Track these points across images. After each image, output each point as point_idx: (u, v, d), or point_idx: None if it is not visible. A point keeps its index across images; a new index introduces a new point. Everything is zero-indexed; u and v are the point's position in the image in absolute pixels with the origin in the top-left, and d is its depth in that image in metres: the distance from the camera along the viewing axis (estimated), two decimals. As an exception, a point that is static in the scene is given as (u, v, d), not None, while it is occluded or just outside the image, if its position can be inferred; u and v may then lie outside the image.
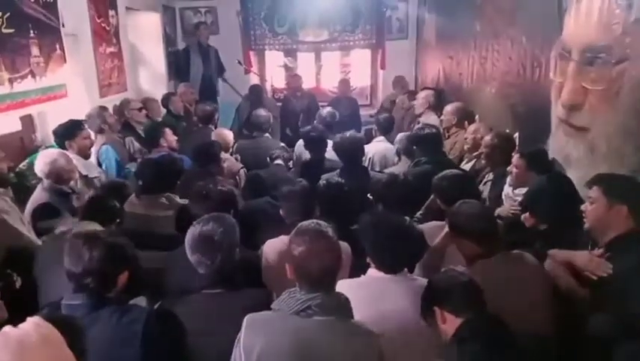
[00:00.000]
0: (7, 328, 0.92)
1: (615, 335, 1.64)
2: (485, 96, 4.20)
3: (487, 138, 3.23)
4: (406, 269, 1.83)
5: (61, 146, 3.32)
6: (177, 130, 4.27)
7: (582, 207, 2.00)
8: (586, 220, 1.98)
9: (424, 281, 1.77)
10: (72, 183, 2.92)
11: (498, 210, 2.74)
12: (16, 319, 0.99)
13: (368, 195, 2.90)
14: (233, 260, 1.76)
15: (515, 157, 2.77)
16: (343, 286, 1.68)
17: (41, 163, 2.76)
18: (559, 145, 2.89)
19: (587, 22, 2.59)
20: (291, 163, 3.88)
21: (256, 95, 5.58)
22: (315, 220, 1.62)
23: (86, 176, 3.28)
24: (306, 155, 3.99)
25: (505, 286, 1.78)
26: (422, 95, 4.92)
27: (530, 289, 1.86)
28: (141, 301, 1.84)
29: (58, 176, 2.76)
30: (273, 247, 2.18)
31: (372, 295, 1.74)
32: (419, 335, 1.67)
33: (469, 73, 4.62)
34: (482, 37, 4.27)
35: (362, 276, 1.89)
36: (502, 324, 1.48)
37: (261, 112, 4.27)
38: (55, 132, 3.36)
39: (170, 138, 3.87)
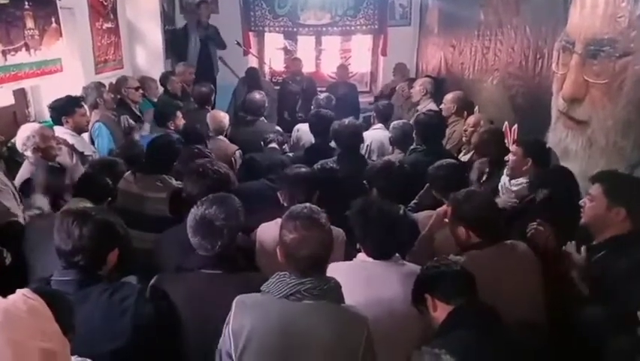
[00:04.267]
0: None
1: (606, 327, 1.65)
2: (486, 87, 4.17)
3: (475, 137, 3.25)
4: (397, 254, 1.82)
5: (57, 121, 3.28)
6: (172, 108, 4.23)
7: (581, 202, 1.99)
8: (583, 216, 1.97)
9: (414, 267, 1.78)
10: (61, 158, 2.89)
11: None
12: (5, 295, 0.98)
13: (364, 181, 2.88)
14: (234, 244, 1.74)
15: (513, 146, 2.77)
16: (334, 269, 1.68)
17: (19, 137, 2.72)
18: (558, 138, 2.88)
19: (592, 15, 2.56)
20: (286, 147, 3.85)
21: (252, 78, 5.51)
22: (307, 205, 1.60)
23: (82, 153, 3.25)
24: (306, 139, 3.97)
25: (497, 276, 1.78)
26: (419, 82, 4.90)
27: (522, 278, 1.86)
28: (132, 279, 1.82)
29: (38, 149, 2.71)
30: (267, 231, 2.16)
31: (363, 279, 1.74)
32: (408, 319, 1.68)
33: (471, 63, 4.58)
34: (486, 27, 4.22)
35: (353, 260, 1.88)
36: (492, 312, 1.49)
37: (256, 95, 4.20)
38: (52, 107, 3.31)
39: (178, 121, 3.86)
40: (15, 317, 0.85)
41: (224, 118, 3.91)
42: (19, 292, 0.92)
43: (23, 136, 2.71)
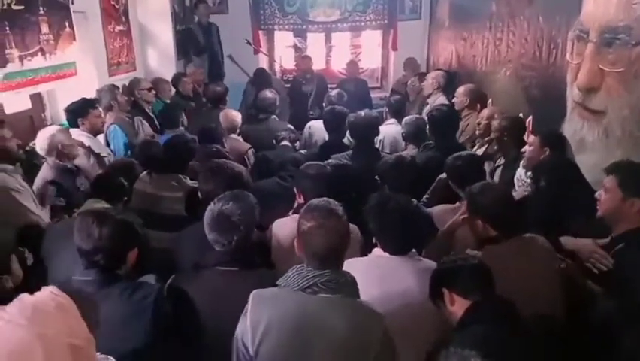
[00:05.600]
0: (24, 295, 0.93)
1: (623, 321, 1.63)
2: (499, 79, 4.12)
3: (495, 122, 3.22)
4: (414, 250, 1.82)
5: (74, 123, 3.33)
6: (186, 111, 4.28)
7: (596, 194, 1.97)
8: (599, 208, 1.95)
9: (430, 263, 1.78)
10: (78, 160, 2.94)
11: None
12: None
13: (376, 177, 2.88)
14: (250, 240, 1.76)
15: (530, 136, 2.75)
16: (350, 265, 1.68)
17: (40, 140, 2.77)
18: (573, 129, 2.84)
19: (606, 2, 2.52)
20: (297, 144, 3.85)
21: (261, 78, 5.48)
22: (325, 198, 1.62)
23: (99, 154, 3.30)
24: (318, 136, 3.97)
25: (515, 270, 1.76)
26: (432, 75, 4.86)
27: (540, 272, 1.84)
28: (150, 278, 1.84)
29: (59, 152, 2.77)
30: (283, 226, 2.18)
31: (379, 275, 1.74)
32: (423, 314, 1.68)
33: (484, 55, 4.53)
34: (497, 18, 4.17)
35: (368, 255, 1.88)
36: (511, 307, 1.47)
37: (267, 94, 4.22)
38: (67, 110, 3.37)
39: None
40: (44, 313, 0.87)
41: (237, 116, 3.93)
42: (47, 289, 0.94)
43: (44, 138, 2.76)
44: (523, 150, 2.81)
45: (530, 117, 3.38)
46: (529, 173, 2.69)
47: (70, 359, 0.88)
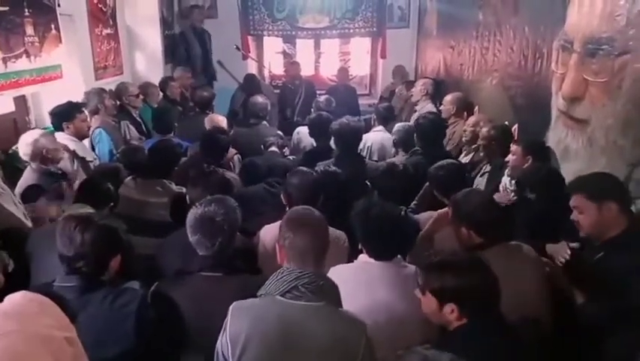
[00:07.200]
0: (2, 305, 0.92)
1: (608, 323, 1.65)
2: (486, 87, 4.17)
3: (484, 130, 3.26)
4: (399, 256, 1.82)
5: (58, 127, 3.29)
6: (173, 115, 4.24)
7: (572, 216, 1.97)
8: (580, 229, 1.94)
9: (415, 269, 1.77)
10: (62, 164, 2.89)
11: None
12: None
13: (365, 182, 2.89)
14: (233, 243, 1.76)
15: (513, 145, 2.79)
16: (336, 271, 1.67)
17: (23, 145, 2.73)
18: (558, 137, 2.88)
19: (590, 13, 2.57)
20: (286, 150, 3.85)
21: (250, 85, 5.45)
22: (304, 206, 1.71)
23: (83, 158, 3.25)
24: (306, 142, 3.97)
25: (502, 278, 1.76)
26: (420, 82, 4.92)
27: (527, 280, 1.85)
28: (134, 285, 1.82)
29: (43, 157, 2.73)
30: (271, 232, 2.16)
31: (365, 280, 1.74)
32: (409, 324, 1.67)
33: (471, 63, 4.59)
34: (484, 28, 4.23)
35: (354, 261, 1.88)
36: (506, 327, 1.46)
37: (258, 99, 4.21)
38: (53, 113, 3.32)
39: None
40: (30, 314, 0.87)
41: (222, 121, 3.92)
42: (20, 293, 0.92)
43: (27, 144, 2.72)
44: (507, 158, 2.84)
45: (516, 125, 3.42)
46: (514, 181, 2.72)
47: (71, 350, 0.89)
